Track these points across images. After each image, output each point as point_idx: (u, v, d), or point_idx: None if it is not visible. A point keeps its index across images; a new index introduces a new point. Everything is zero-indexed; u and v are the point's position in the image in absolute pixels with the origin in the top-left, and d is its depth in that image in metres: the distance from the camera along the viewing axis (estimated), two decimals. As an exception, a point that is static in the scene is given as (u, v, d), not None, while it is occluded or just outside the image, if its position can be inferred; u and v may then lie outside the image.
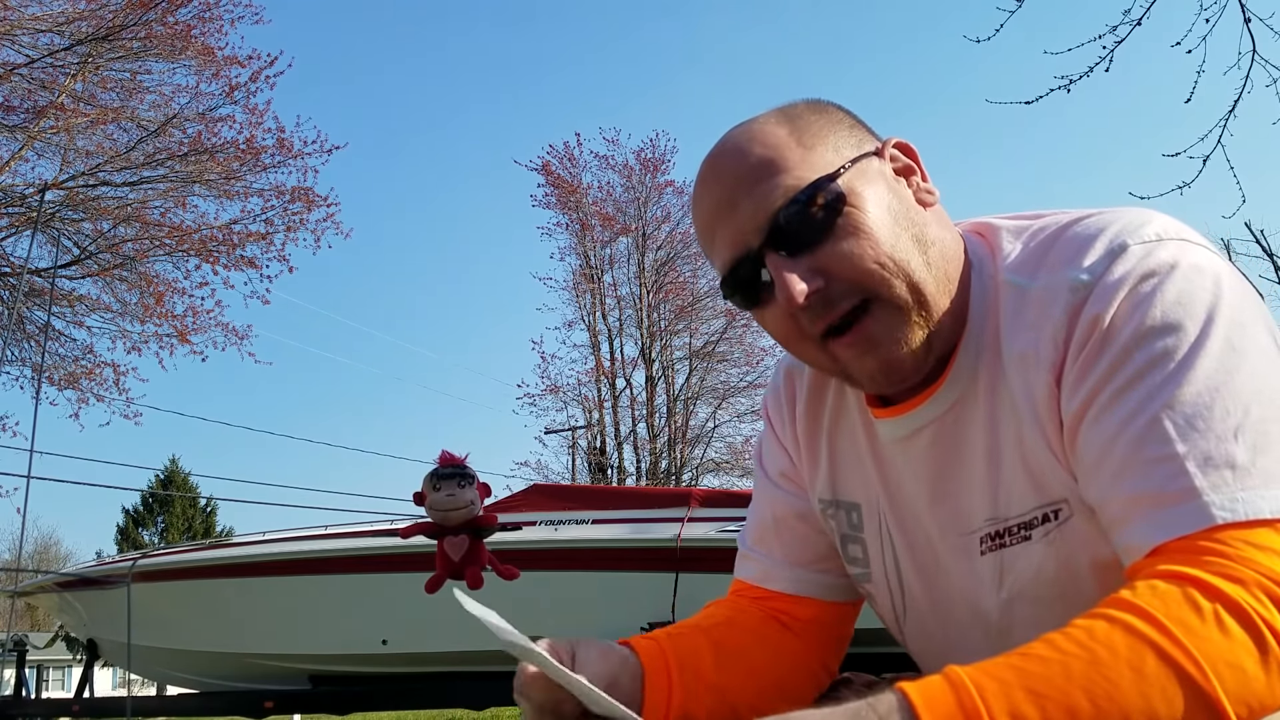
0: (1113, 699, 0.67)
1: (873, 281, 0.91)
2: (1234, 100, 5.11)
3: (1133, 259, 0.85)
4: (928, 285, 0.92)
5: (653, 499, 6.67)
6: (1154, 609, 0.71)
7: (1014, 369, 0.91)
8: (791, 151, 0.93)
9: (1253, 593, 0.70)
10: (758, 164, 0.93)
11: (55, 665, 28.43)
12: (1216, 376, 0.79)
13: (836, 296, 0.91)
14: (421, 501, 2.41)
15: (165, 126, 12.67)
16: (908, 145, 1.01)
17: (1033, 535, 0.93)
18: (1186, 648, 0.68)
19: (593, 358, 23.08)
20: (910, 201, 0.96)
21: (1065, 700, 0.67)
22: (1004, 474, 0.94)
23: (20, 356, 12.98)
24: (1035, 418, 0.90)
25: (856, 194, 0.92)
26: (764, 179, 0.92)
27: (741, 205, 0.93)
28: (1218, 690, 0.67)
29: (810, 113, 0.98)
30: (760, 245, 0.92)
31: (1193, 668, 0.68)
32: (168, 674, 7.47)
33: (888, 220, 0.92)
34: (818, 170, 0.92)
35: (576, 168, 23.71)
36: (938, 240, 0.95)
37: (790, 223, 0.91)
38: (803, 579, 1.13)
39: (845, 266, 0.91)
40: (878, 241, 0.91)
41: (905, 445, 1.01)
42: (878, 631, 1.22)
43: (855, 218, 0.91)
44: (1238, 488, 0.76)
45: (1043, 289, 0.90)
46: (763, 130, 0.95)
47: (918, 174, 0.99)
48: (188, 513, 34.21)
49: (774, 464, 1.17)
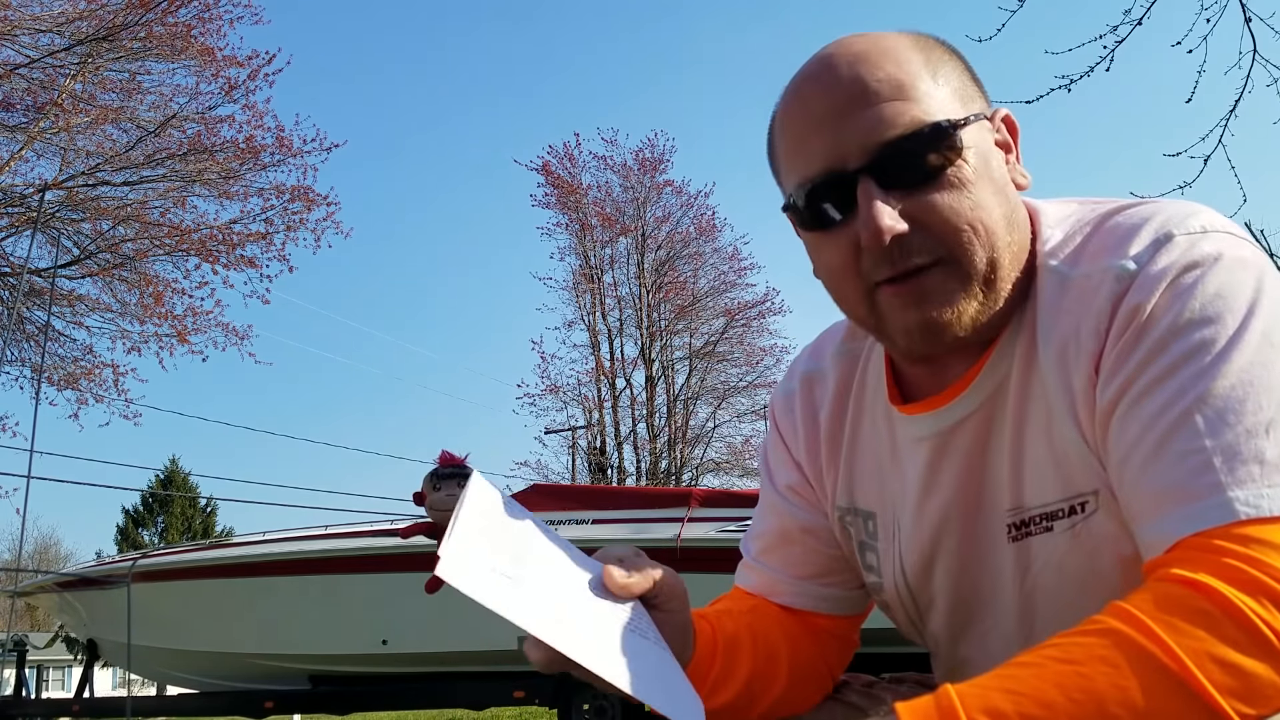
0: (1086, 690, 0.68)
1: (958, 242, 0.87)
2: (1235, 100, 5.11)
3: (1177, 250, 0.84)
4: (1003, 265, 0.89)
5: (653, 499, 6.68)
6: (1140, 611, 0.71)
7: (1050, 357, 0.90)
8: (924, 82, 0.88)
9: (1258, 599, 0.70)
10: (886, 81, 0.87)
11: (55, 665, 28.45)
12: (1251, 371, 0.78)
13: (916, 247, 0.87)
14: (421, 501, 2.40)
15: (164, 126, 12.68)
16: (1014, 121, 0.97)
17: (1055, 527, 0.92)
18: (1164, 641, 0.68)
19: (593, 358, 23.12)
20: (1006, 178, 0.93)
21: (1039, 695, 0.68)
22: (1028, 464, 0.93)
23: (20, 356, 13.01)
24: (1070, 407, 0.88)
25: (972, 150, 0.88)
26: (889, 100, 0.87)
27: (854, 119, 0.87)
28: (1203, 682, 0.67)
29: (944, 51, 0.93)
30: (860, 168, 0.87)
31: (1169, 659, 0.68)
32: (168, 674, 7.47)
33: (991, 187, 0.89)
34: (944, 111, 0.87)
35: (576, 168, 23.76)
36: (1022, 224, 0.93)
37: (902, 156, 0.86)
38: (807, 593, 1.11)
39: (938, 219, 0.86)
40: (978, 204, 0.87)
41: (937, 442, 0.98)
42: (878, 631, 1.22)
43: (965, 173, 0.87)
44: (1264, 483, 0.75)
45: (1084, 277, 0.88)
46: (896, 48, 0.89)
47: (1014, 153, 0.96)
48: (188, 513, 34.21)
49: (782, 477, 1.14)
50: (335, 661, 6.39)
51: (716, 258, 24.13)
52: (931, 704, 0.70)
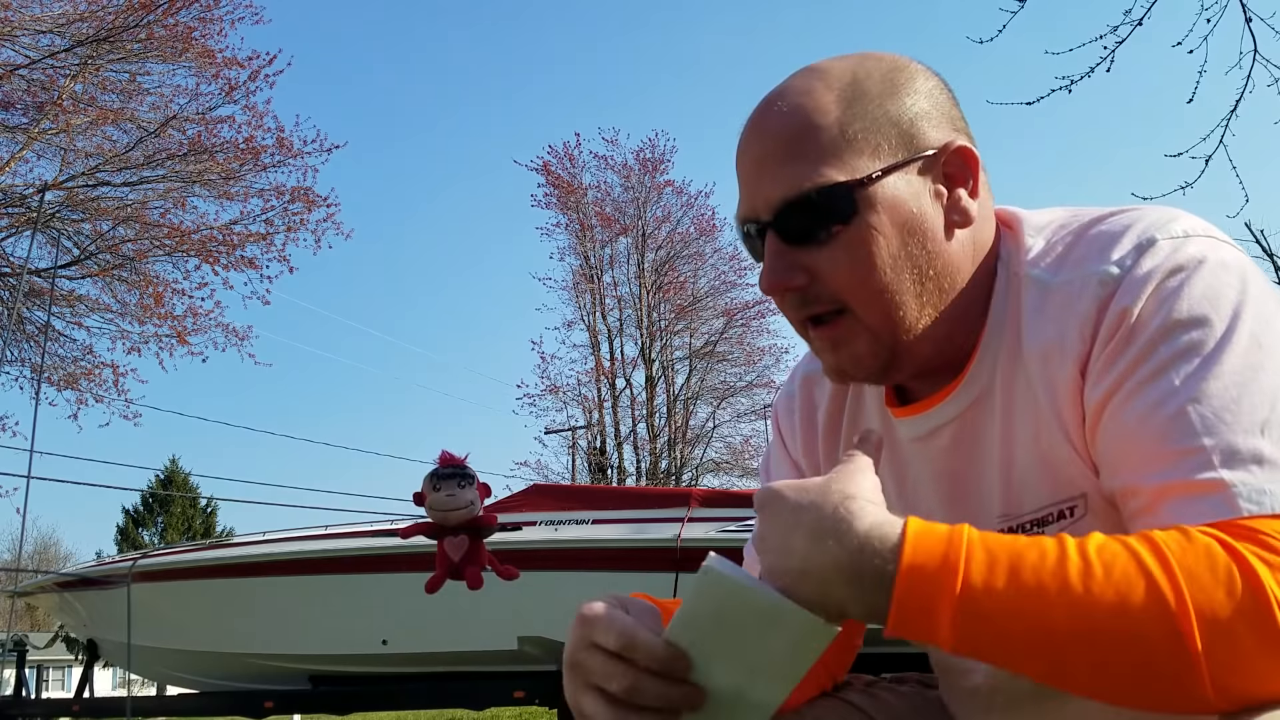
0: (1088, 617, 0.70)
1: (853, 300, 0.92)
2: (1236, 100, 5.12)
3: (1161, 254, 0.85)
4: (908, 317, 0.92)
5: (653, 499, 6.67)
6: (1170, 551, 0.71)
7: (1035, 363, 0.91)
8: (831, 138, 0.90)
9: (1275, 572, 0.69)
10: (794, 139, 0.91)
11: (55, 665, 28.44)
12: (1243, 372, 0.79)
13: (814, 298, 0.93)
14: (421, 501, 2.41)
15: (164, 127, 12.68)
16: (970, 154, 0.94)
17: (1045, 533, 0.92)
18: (1184, 593, 0.69)
19: (592, 358, 23.13)
20: (931, 227, 0.92)
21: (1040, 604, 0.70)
22: (1017, 470, 0.93)
23: (20, 356, 13.01)
24: (1056, 411, 0.89)
25: (874, 210, 0.90)
26: (791, 159, 0.91)
27: (768, 172, 0.92)
28: (1198, 644, 0.68)
29: (877, 93, 0.92)
30: (768, 222, 0.92)
31: (1182, 619, 0.68)
32: (168, 674, 7.47)
33: (894, 246, 0.91)
34: (848, 169, 0.90)
35: (576, 168, 23.78)
36: (946, 268, 0.93)
37: (797, 215, 0.90)
38: None
39: (832, 276, 0.91)
40: (873, 266, 0.90)
41: (924, 444, 1.00)
42: (877, 631, 1.21)
43: (861, 235, 0.90)
44: (1265, 481, 0.76)
45: (1067, 283, 0.89)
46: (816, 101, 0.92)
47: (968, 187, 0.94)
48: (188, 513, 34.20)
49: (781, 477, 1.14)
50: (335, 661, 6.38)
51: (716, 258, 24.19)
52: (940, 549, 0.73)
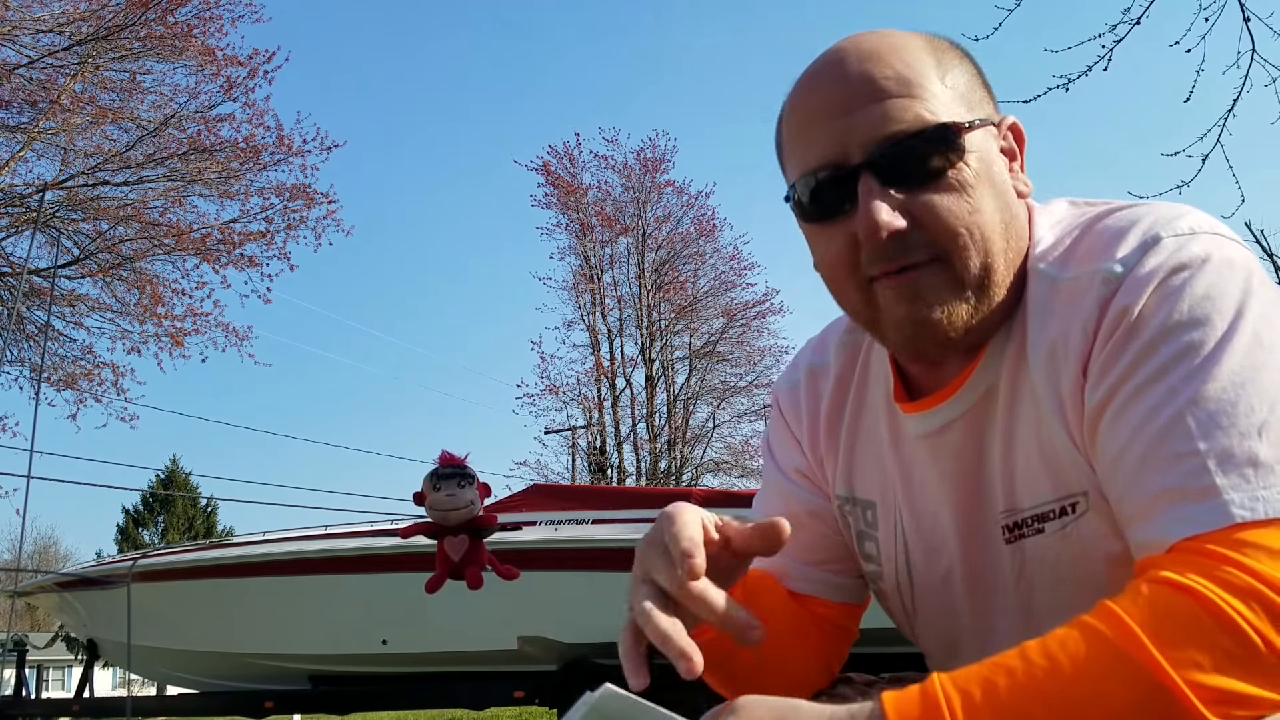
0: (1068, 702, 0.69)
1: (955, 244, 0.88)
2: (1233, 99, 5.13)
3: (1165, 252, 0.84)
4: (997, 270, 0.90)
5: (653, 499, 6.68)
6: (1128, 614, 0.71)
7: (1039, 359, 0.90)
8: (932, 82, 0.89)
9: (1248, 603, 0.69)
10: (894, 78, 0.88)
11: (55, 665, 28.44)
12: (1243, 372, 0.78)
13: (912, 245, 0.88)
14: (421, 501, 2.41)
15: (164, 126, 12.68)
16: (1020, 129, 0.97)
17: (1046, 529, 0.92)
18: (1148, 650, 0.68)
19: (592, 358, 23.12)
20: (1009, 184, 0.94)
21: (1019, 699, 0.69)
22: (1019, 466, 0.93)
23: (20, 356, 13.00)
24: (1058, 408, 0.89)
25: (975, 154, 0.89)
26: (895, 96, 0.87)
27: (860, 113, 0.88)
28: (1184, 690, 0.67)
29: (955, 54, 0.94)
30: (862, 163, 0.88)
31: (1152, 668, 0.68)
32: (168, 674, 7.47)
33: (991, 192, 0.90)
34: (950, 113, 0.88)
35: (576, 168, 23.76)
36: (1020, 231, 0.93)
37: (904, 153, 0.87)
38: (814, 578, 1.11)
39: (935, 220, 0.87)
40: (976, 208, 0.88)
41: (933, 441, 0.99)
42: (878, 631, 1.22)
43: (966, 176, 0.88)
44: (1259, 486, 0.75)
45: (1073, 280, 0.88)
46: (907, 46, 0.90)
47: (1019, 160, 0.96)
48: (188, 513, 34.19)
49: (788, 459, 1.14)
50: (335, 661, 6.39)
51: (716, 257, 24.18)
52: (917, 697, 0.71)
